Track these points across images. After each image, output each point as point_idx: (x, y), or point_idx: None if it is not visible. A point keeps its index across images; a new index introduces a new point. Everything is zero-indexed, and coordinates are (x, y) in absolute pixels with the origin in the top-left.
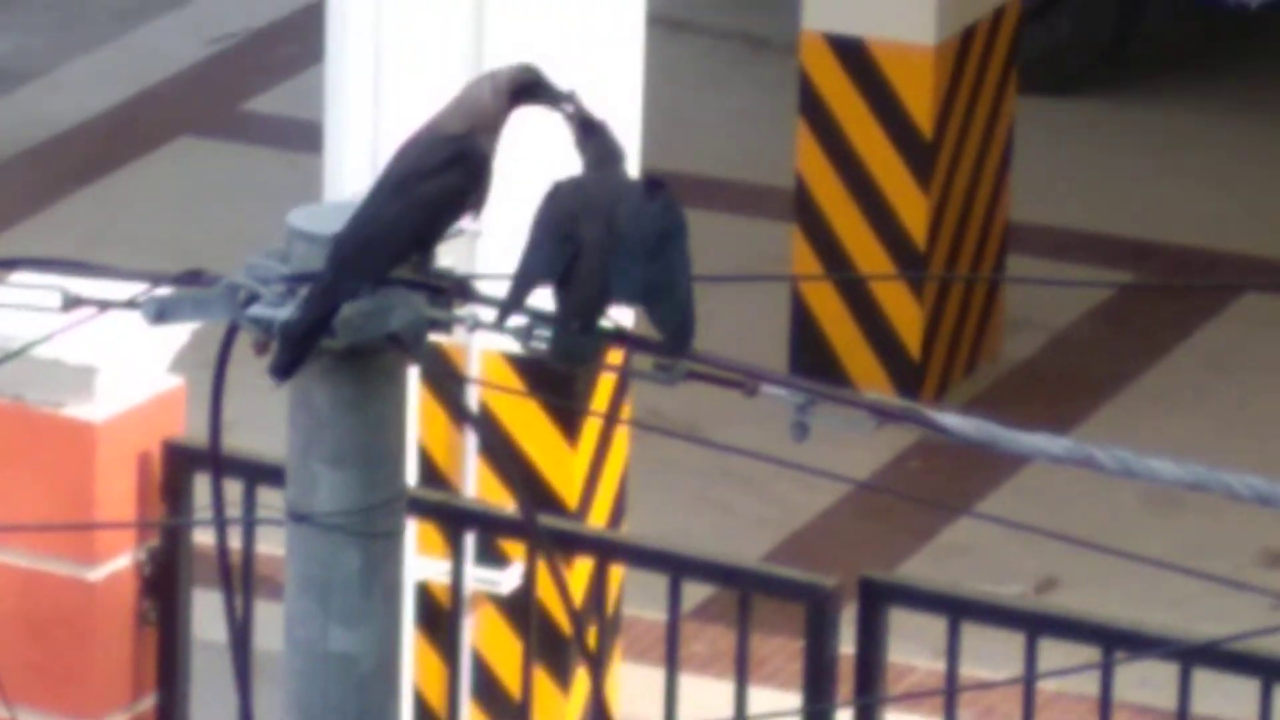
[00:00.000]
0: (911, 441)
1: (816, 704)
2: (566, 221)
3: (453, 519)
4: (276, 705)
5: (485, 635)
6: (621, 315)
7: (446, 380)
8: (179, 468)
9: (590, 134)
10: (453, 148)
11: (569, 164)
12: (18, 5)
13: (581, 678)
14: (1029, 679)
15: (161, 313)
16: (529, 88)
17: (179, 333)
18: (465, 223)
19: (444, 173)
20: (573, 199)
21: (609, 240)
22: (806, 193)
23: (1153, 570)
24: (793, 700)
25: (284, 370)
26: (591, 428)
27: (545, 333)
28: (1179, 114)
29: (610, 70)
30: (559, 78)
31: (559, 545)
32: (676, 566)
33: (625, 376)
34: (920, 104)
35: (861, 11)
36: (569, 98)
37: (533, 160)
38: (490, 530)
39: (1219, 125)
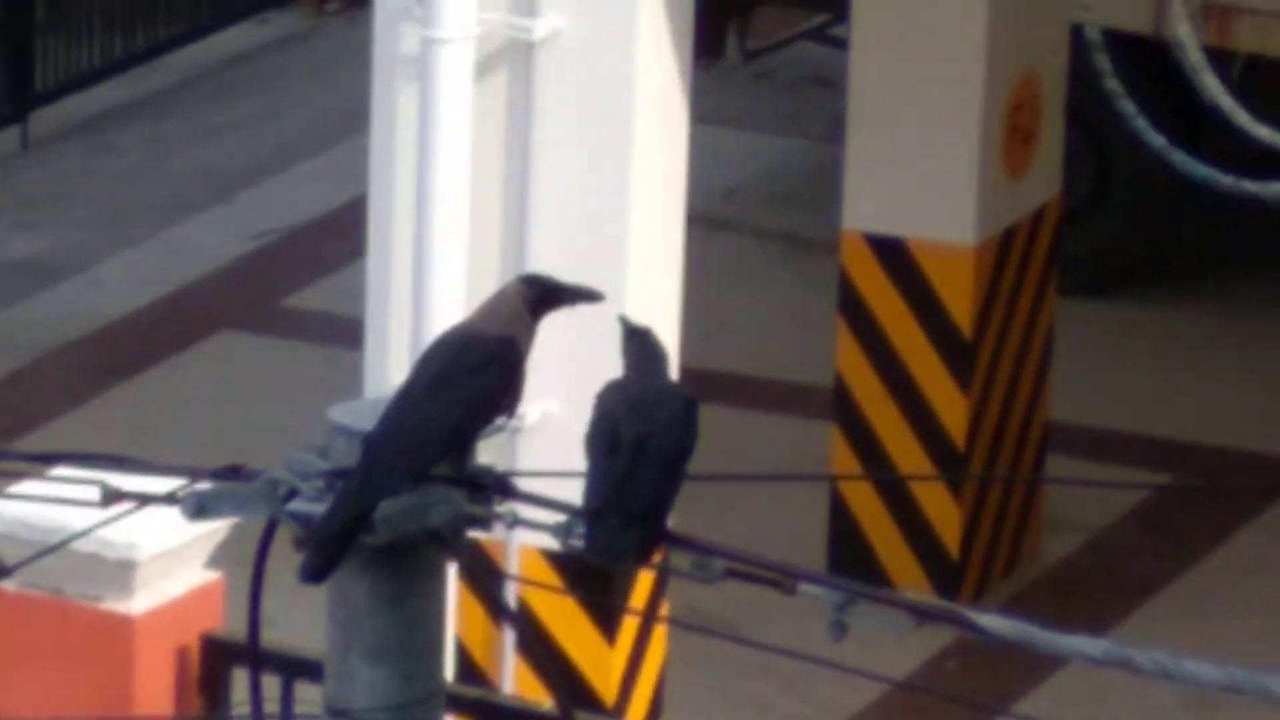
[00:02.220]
0: (949, 641)
1: None
2: (611, 429)
3: (490, 715)
4: None
5: None
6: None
7: (485, 576)
8: (217, 662)
9: (631, 336)
10: (487, 348)
11: (609, 363)
12: (60, 202)
13: None
14: None
15: (201, 508)
16: (544, 295)
17: (218, 527)
18: (499, 421)
19: (479, 373)
20: (615, 402)
21: (644, 443)
22: (846, 391)
23: None
24: None
25: (316, 574)
26: (630, 625)
27: (583, 529)
28: (1217, 315)
29: (650, 269)
30: (601, 277)
31: None
32: None
33: (663, 574)
34: (960, 304)
35: (902, 212)
36: (585, 293)
37: (570, 359)
38: None
39: (1257, 326)
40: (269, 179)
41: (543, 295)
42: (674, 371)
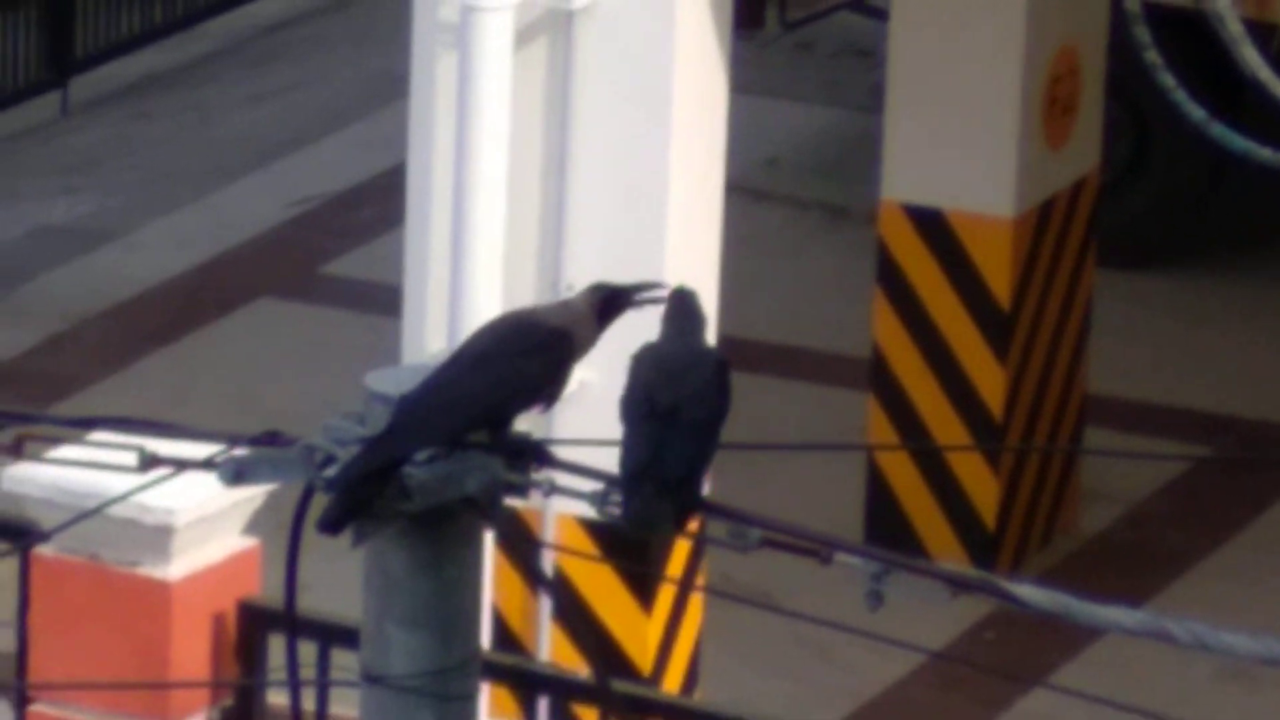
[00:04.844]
0: (986, 612)
1: None
2: (645, 398)
3: (526, 683)
4: None
5: None
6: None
7: (522, 544)
8: (254, 628)
9: (673, 294)
10: (541, 336)
11: (647, 332)
12: (101, 167)
13: None
14: None
15: (239, 473)
16: (610, 300)
17: (255, 493)
18: (536, 409)
19: (526, 357)
20: (648, 367)
21: (677, 410)
22: (883, 362)
23: None
24: None
25: (332, 524)
26: (666, 594)
27: (619, 498)
28: (1257, 286)
29: (689, 238)
30: (640, 246)
31: (632, 711)
32: None
33: (700, 543)
34: (998, 275)
35: (940, 183)
36: (648, 287)
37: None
38: (563, 695)
39: None
40: (308, 146)
41: (608, 300)
42: (711, 340)
